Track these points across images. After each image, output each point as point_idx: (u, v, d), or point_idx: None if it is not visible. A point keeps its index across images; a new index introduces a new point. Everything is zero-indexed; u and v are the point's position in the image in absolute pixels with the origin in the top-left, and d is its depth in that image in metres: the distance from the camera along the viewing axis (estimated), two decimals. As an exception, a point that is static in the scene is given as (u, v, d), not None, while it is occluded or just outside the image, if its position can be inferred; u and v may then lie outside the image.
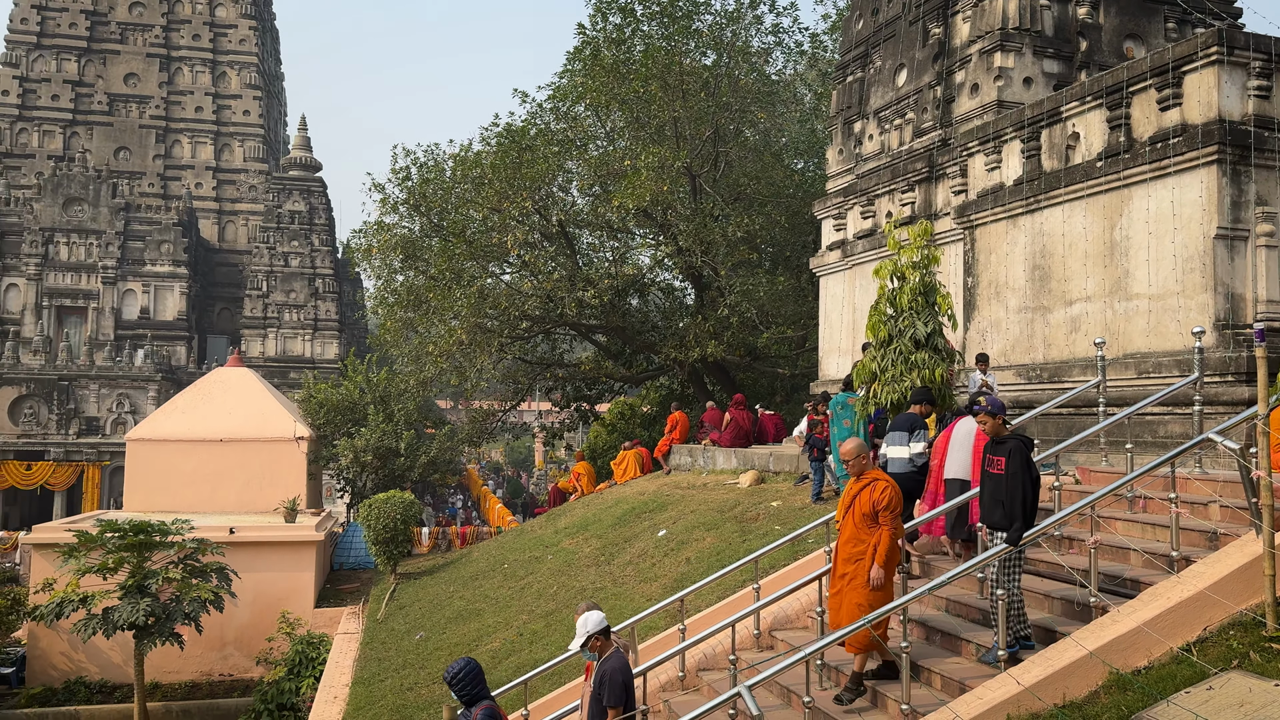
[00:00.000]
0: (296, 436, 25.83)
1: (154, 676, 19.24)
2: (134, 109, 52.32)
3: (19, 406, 42.44)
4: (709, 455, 18.36)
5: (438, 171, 24.51)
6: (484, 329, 22.65)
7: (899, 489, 7.66)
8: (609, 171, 22.82)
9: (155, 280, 47.86)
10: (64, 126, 51.26)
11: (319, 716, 13.16)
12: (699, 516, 14.24)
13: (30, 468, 41.71)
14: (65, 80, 51.36)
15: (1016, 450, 7.08)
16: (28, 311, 46.51)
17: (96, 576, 17.74)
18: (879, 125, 16.68)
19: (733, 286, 21.48)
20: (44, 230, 46.46)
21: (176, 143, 52.76)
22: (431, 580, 19.74)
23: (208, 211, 52.68)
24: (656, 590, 11.84)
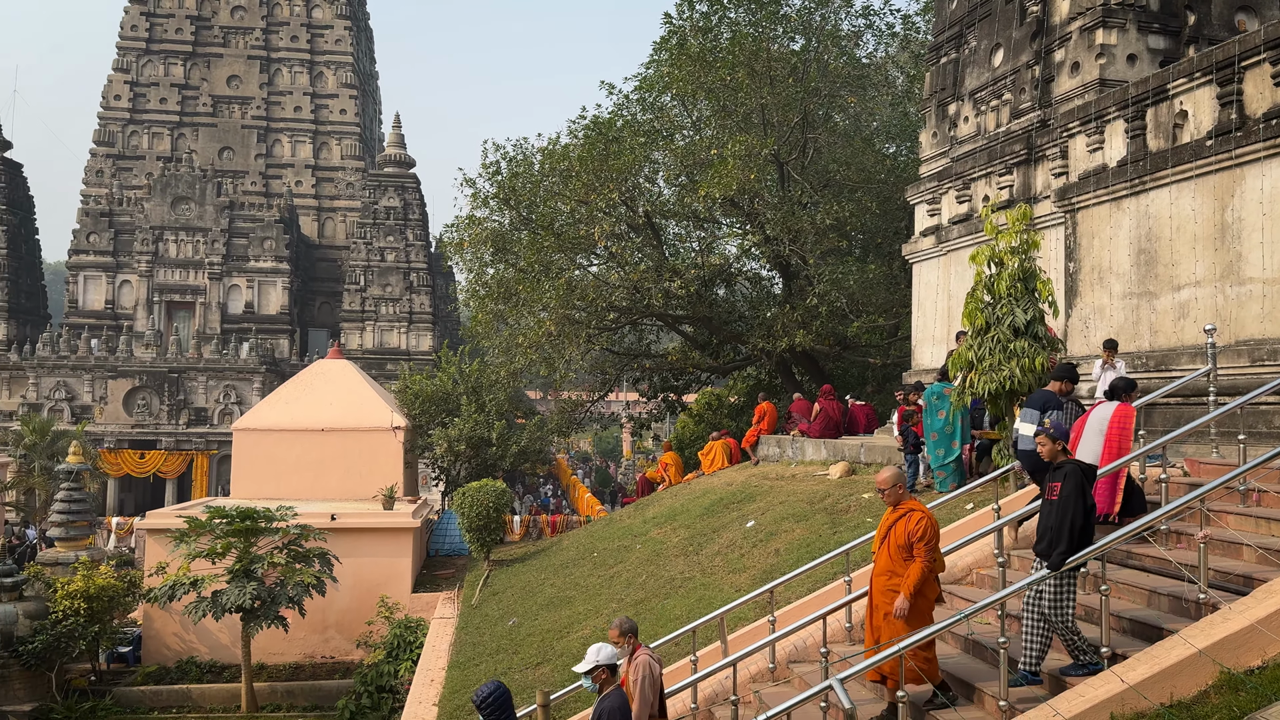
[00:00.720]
0: (393, 426, 26.51)
1: (260, 658, 20.00)
2: (236, 110, 54.27)
3: (133, 398, 44.55)
4: (798, 446, 18.20)
5: (526, 165, 24.79)
6: (572, 320, 22.86)
7: (935, 521, 7.44)
8: (695, 161, 22.75)
9: (259, 276, 49.66)
10: (171, 128, 53.47)
11: (417, 699, 13.50)
12: (788, 508, 14.14)
13: (144, 456, 43.76)
14: (172, 84, 53.56)
15: (1072, 474, 6.91)
16: (140, 307, 48.77)
17: (206, 561, 18.56)
18: (974, 107, 16.24)
19: (822, 275, 21.21)
20: (154, 229, 48.62)
21: (277, 142, 54.55)
22: (523, 567, 20.05)
23: (307, 208, 54.36)
24: (745, 581, 11.81)
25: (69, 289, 49.66)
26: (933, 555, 7.22)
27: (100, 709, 18.92)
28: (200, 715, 18.98)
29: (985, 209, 11.97)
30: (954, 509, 11.02)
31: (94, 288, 49.33)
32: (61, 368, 45.34)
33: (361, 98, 56.28)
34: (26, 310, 49.95)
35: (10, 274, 48.42)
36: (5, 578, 19.95)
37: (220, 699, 19.46)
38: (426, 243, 51.37)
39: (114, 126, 52.92)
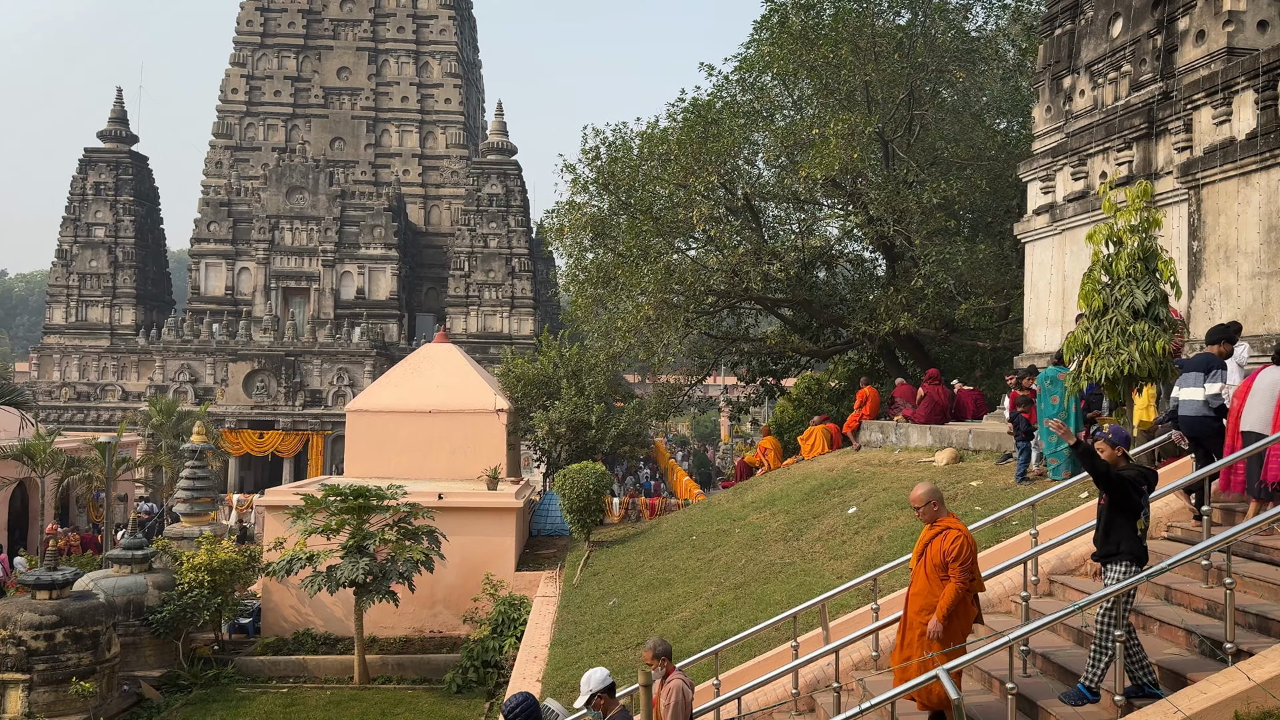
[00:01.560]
0: (497, 409, 27.01)
1: (371, 631, 20.66)
2: (346, 101, 55.87)
3: (252, 380, 46.50)
4: (902, 432, 17.84)
5: (625, 150, 24.82)
6: (670, 304, 22.85)
7: (971, 539, 7.16)
8: (796, 141, 22.42)
9: (369, 262, 51.15)
10: (285, 120, 55.39)
11: (521, 675, 13.77)
12: (891, 494, 13.88)
13: (262, 436, 45.66)
14: (285, 76, 55.44)
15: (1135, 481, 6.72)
16: (258, 293, 50.80)
17: (321, 537, 19.27)
18: (1091, 80, 15.56)
19: (928, 256, 20.67)
20: (270, 217, 50.53)
21: (385, 132, 55.98)
22: (623, 549, 20.21)
23: (414, 196, 55.68)
24: (847, 568, 11.65)
25: (191, 276, 52.08)
26: (969, 576, 6.97)
27: (223, 677, 19.85)
28: (316, 685, 19.69)
29: (1103, 186, 11.46)
30: (1067, 497, 10.65)
31: (215, 274, 51.61)
32: (185, 351, 47.64)
33: (465, 86, 57.26)
34: (153, 297, 52.61)
35: (138, 262, 51.04)
36: (136, 550, 21.09)
37: (334, 670, 20.20)
38: (528, 229, 52.07)
39: (232, 119, 55.12)
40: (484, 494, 23.40)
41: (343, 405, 37.95)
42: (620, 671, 11.65)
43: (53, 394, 48.45)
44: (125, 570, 20.68)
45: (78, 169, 51.10)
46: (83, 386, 49.08)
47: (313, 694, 19.10)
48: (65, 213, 50.86)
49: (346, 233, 51.07)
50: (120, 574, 20.57)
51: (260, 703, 18.51)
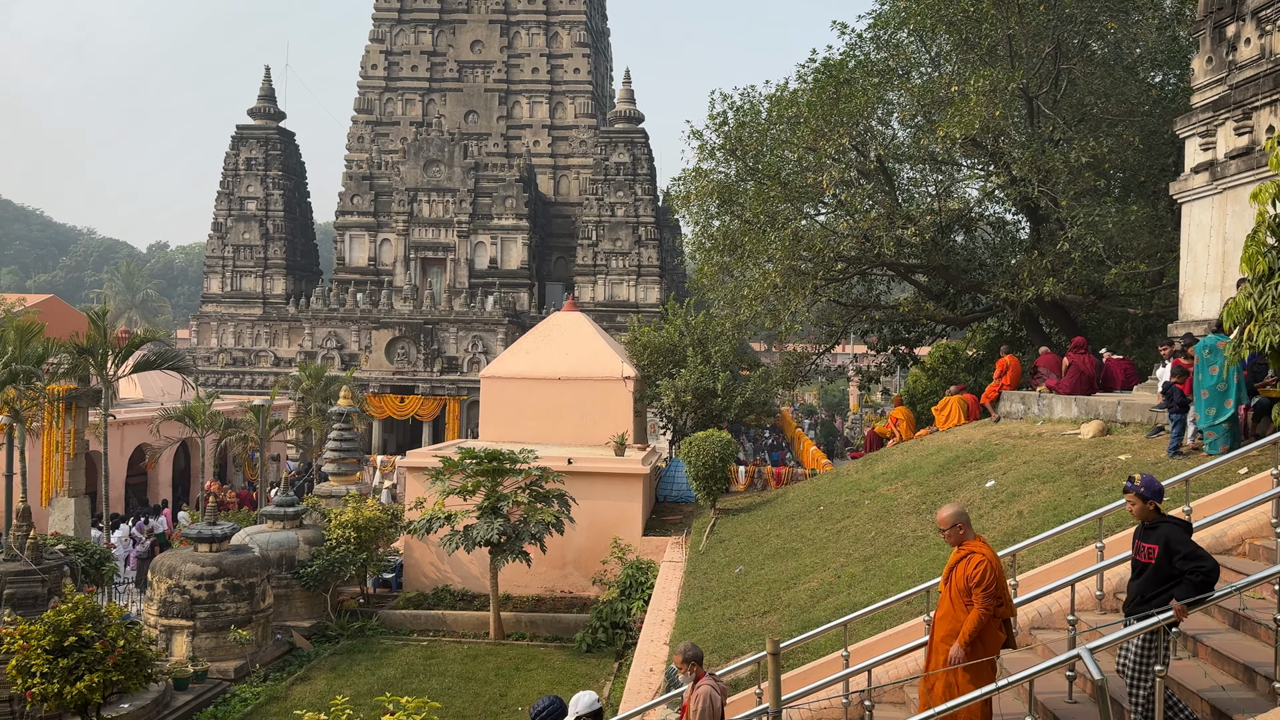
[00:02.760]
0: (624, 376, 27.27)
1: (505, 589, 21.33)
2: (479, 74, 56.92)
3: (393, 347, 48.30)
4: (1045, 403, 17.10)
5: (753, 114, 24.39)
6: (798, 271, 22.43)
7: (997, 564, 6.83)
8: (933, 100, 21.54)
9: (501, 233, 52.23)
10: (422, 94, 56.88)
11: (649, 637, 13.94)
12: (1032, 468, 13.34)
13: (403, 400, 47.46)
14: (422, 51, 56.85)
15: (1173, 531, 6.33)
16: (398, 263, 52.61)
17: (458, 498, 19.95)
18: (1258, 27, 14.36)
19: (1075, 218, 19.61)
20: (409, 190, 52.14)
21: (516, 103, 56.82)
22: (749, 517, 20.15)
23: (544, 167, 56.44)
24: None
25: (336, 247, 54.34)
26: (994, 602, 6.71)
27: (367, 629, 20.86)
28: (454, 639, 20.47)
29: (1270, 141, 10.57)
30: (1224, 473, 10.01)
31: (358, 246, 53.72)
32: (332, 319, 49.86)
33: (593, 55, 57.47)
34: (301, 268, 55.17)
35: (287, 235, 53.55)
36: (287, 508, 22.29)
37: (471, 625, 20.96)
38: (654, 197, 52.08)
39: (372, 95, 56.96)
40: (611, 460, 23.70)
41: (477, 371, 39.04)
42: (748, 638, 11.65)
43: (210, 359, 51.55)
44: (278, 526, 21.88)
45: (230, 145, 53.84)
46: (238, 352, 52.03)
47: (451, 647, 19.87)
48: (220, 187, 53.74)
49: (480, 204, 52.24)
50: (273, 529, 21.78)
51: (402, 654, 19.38)
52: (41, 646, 13.00)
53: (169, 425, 31.94)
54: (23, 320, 26.11)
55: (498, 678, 17.89)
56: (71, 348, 25.12)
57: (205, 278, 54.48)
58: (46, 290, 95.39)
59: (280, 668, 18.51)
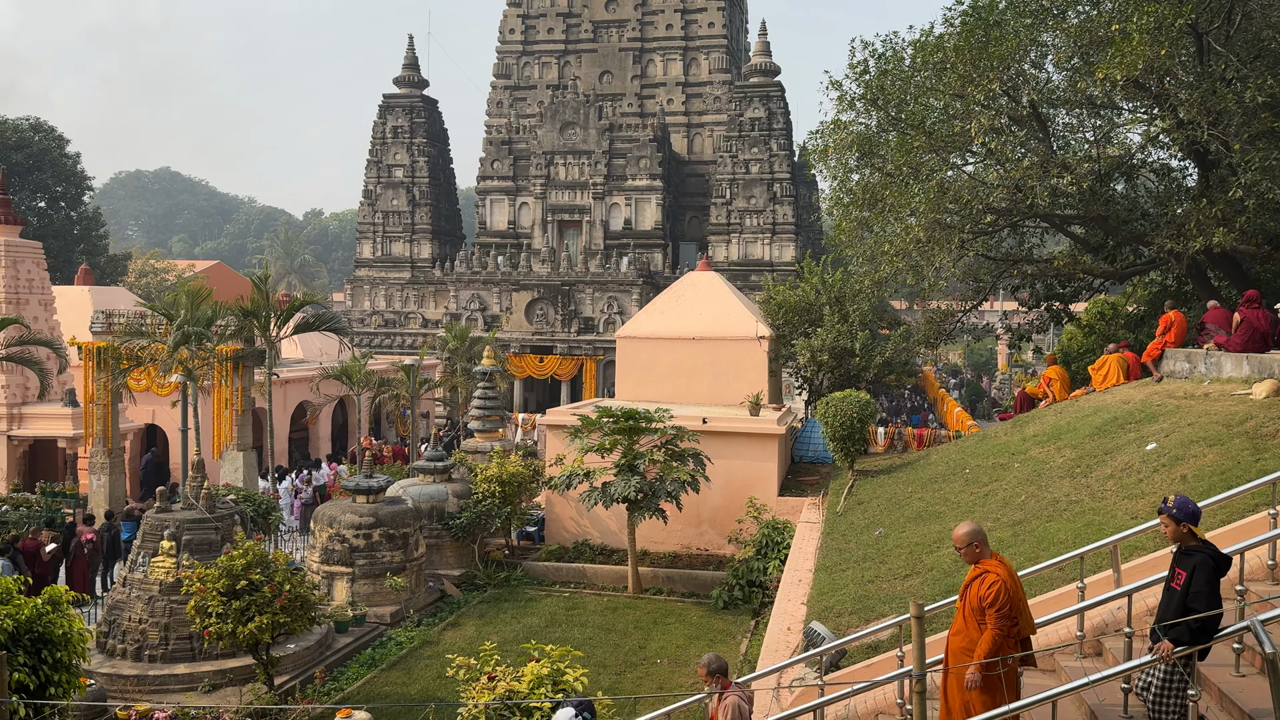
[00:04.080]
0: (758, 336, 27.08)
1: (642, 545, 21.68)
2: (614, 33, 56.90)
3: (532, 308, 49.39)
4: (1213, 361, 16.03)
5: (896, 61, 23.46)
6: (943, 225, 21.60)
7: (1013, 583, 6.58)
8: (1092, 40, 20.21)
9: (635, 193, 52.44)
10: (558, 57, 57.36)
11: (785, 596, 13.94)
12: (1198, 430, 12.58)
13: (542, 360, 48.55)
14: (558, 13, 57.23)
15: (1202, 566, 6.00)
16: (536, 226, 53.61)
17: (596, 455, 20.35)
18: None
19: (1250, 162, 18.14)
20: (546, 154, 52.90)
21: (650, 61, 56.61)
22: (889, 479, 19.79)
23: (677, 125, 56.17)
24: (1143, 508, 10.73)
25: (478, 211, 55.78)
26: (1008, 623, 6.53)
27: (512, 579, 21.61)
28: (593, 591, 20.99)
29: None
30: None
31: (498, 210, 55.00)
32: (475, 282, 51.34)
33: (728, 8, 56.55)
34: (446, 232, 56.93)
35: (432, 200, 55.29)
36: (437, 462, 23.23)
37: (609, 579, 21.43)
38: (790, 153, 51.14)
39: (509, 59, 57.82)
40: (746, 419, 23.64)
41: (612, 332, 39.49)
42: (888, 601, 11.50)
43: (364, 321, 53.98)
44: (428, 479, 22.85)
45: (378, 115, 55.81)
46: (389, 314, 54.29)
47: (591, 599, 20.40)
48: (369, 156, 55.87)
49: (614, 165, 52.53)
50: (424, 483, 22.75)
51: (545, 604, 20.01)
52: (216, 589, 13.85)
53: (327, 384, 33.70)
54: (193, 285, 27.97)
55: (636, 630, 18.25)
56: (238, 311, 26.71)
57: (357, 243, 56.91)
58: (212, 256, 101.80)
59: (432, 614, 19.39)
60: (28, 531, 20.72)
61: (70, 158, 57.60)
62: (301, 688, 15.07)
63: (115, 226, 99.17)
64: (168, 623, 15.29)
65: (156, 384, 28.27)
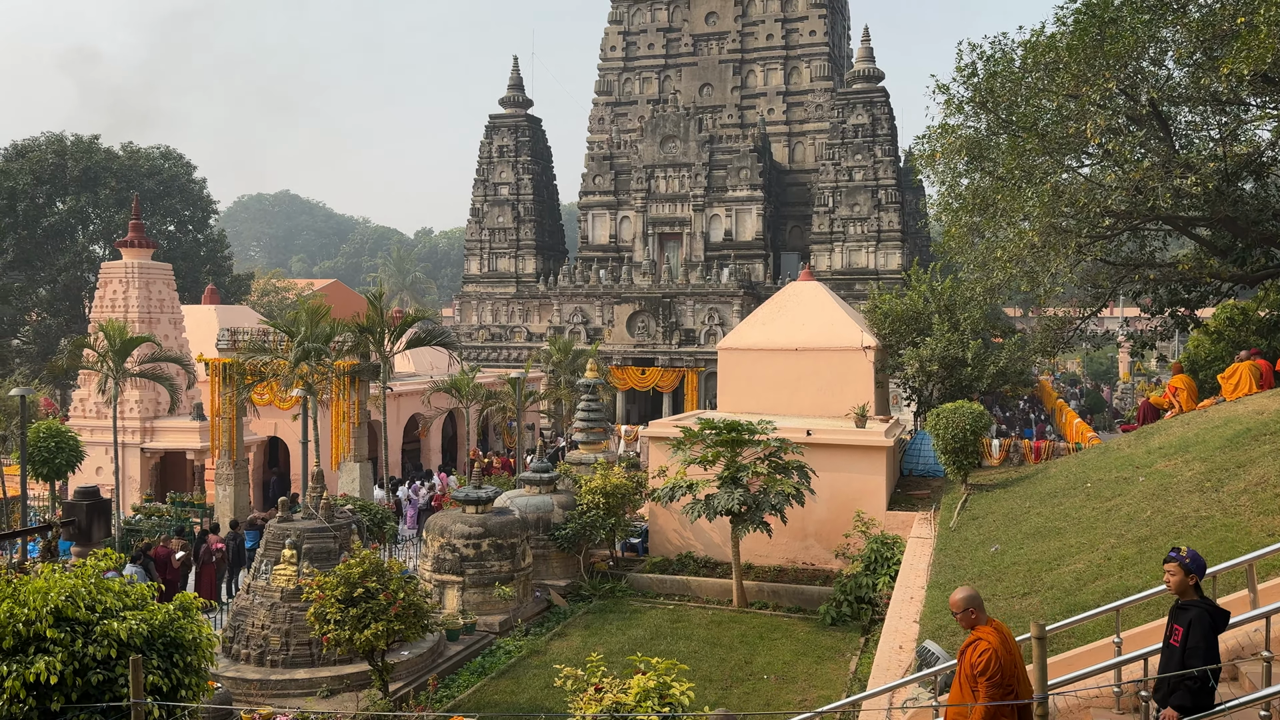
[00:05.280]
0: (863, 346, 26.62)
1: (747, 558, 21.48)
2: (714, 46, 57.01)
3: (634, 321, 49.69)
4: (1356, 368, 15.05)
5: (1006, 63, 22.80)
6: (1059, 229, 20.85)
7: (1006, 652, 6.40)
8: (1215, 34, 19.26)
9: (735, 204, 52.29)
10: (658, 71, 57.76)
11: (897, 614, 13.62)
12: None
13: (644, 372, 48.75)
14: (658, 29, 57.67)
15: (1198, 621, 5.85)
16: (637, 239, 53.96)
17: (698, 467, 20.28)
18: None
19: (1395, 157, 17.03)
20: (646, 167, 53.24)
21: (750, 72, 56.47)
22: (1005, 493, 19.16)
23: (778, 135, 55.84)
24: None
25: (580, 226, 56.46)
26: (1000, 692, 6.35)
27: (617, 590, 21.70)
28: (698, 604, 20.90)
29: None
30: None
31: (600, 224, 55.57)
32: (577, 295, 51.97)
33: (830, 15, 56.01)
34: (549, 247, 57.80)
35: (536, 216, 56.24)
36: (543, 473, 23.53)
37: (714, 592, 21.31)
38: (895, 158, 50.25)
39: (611, 76, 58.49)
40: (852, 431, 23.25)
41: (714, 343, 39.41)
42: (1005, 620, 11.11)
43: (471, 335, 55.18)
44: (535, 490, 23.14)
45: (484, 134, 57.13)
46: (495, 329, 55.38)
47: (695, 612, 20.31)
48: (476, 174, 57.22)
49: (714, 176, 52.50)
50: (531, 493, 23.04)
51: (650, 616, 20.02)
52: (334, 597, 14.23)
53: (438, 396, 34.55)
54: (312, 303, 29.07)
55: (742, 644, 18.10)
56: (354, 327, 27.62)
57: (465, 260, 58.28)
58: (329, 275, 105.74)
59: (539, 623, 19.61)
60: (159, 539, 21.71)
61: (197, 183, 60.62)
62: (415, 694, 15.40)
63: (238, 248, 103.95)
64: (288, 629, 15.83)
65: (278, 398, 29.39)
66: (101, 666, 7.50)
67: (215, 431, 27.84)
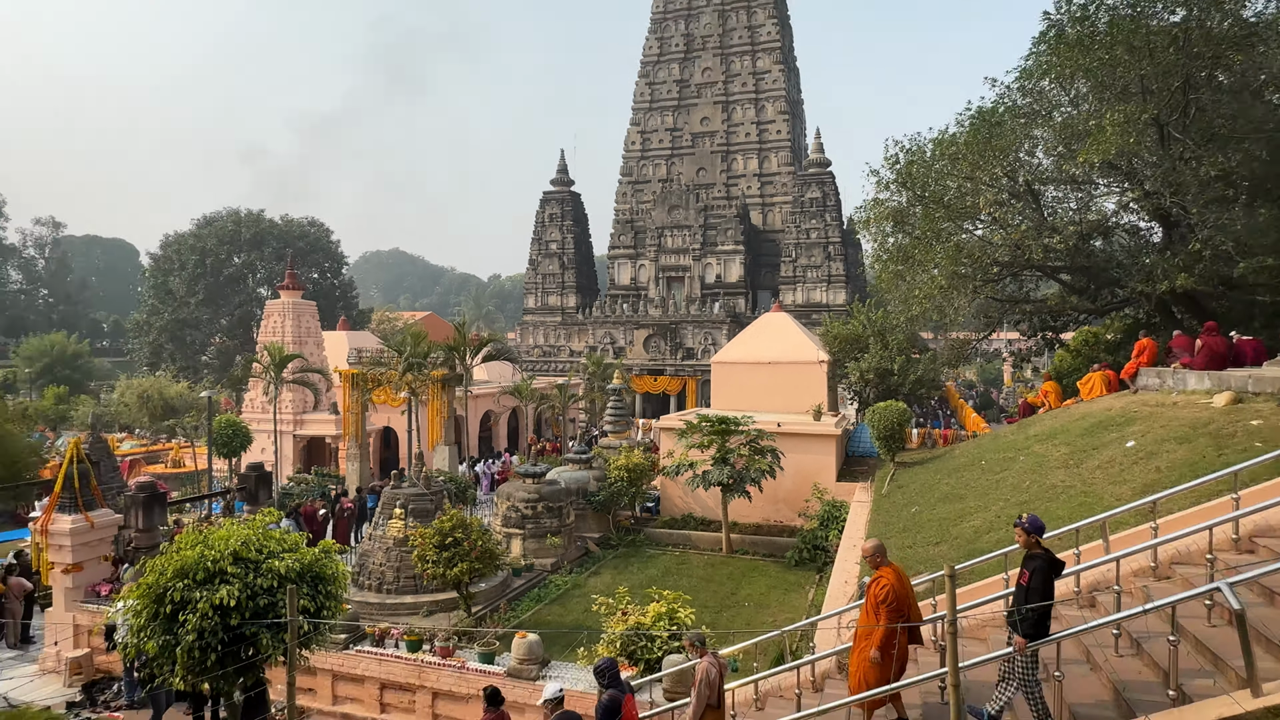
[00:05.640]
0: (819, 360, 26.59)
1: (733, 517, 21.43)
2: (706, 141, 57.20)
3: (648, 341, 49.70)
4: (1179, 377, 14.96)
5: (919, 154, 22.85)
6: (959, 275, 20.82)
7: (900, 586, 6.37)
8: (1073, 133, 19.26)
9: (723, 255, 52.33)
10: (665, 159, 57.96)
11: (842, 558, 13.63)
12: (1169, 431, 11.76)
13: (655, 379, 48.67)
14: (665, 129, 57.88)
15: (1039, 570, 5.82)
16: (650, 281, 54.01)
17: (697, 450, 20.29)
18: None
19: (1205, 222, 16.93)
20: (657, 229, 53.35)
21: (734, 159, 56.62)
22: (921, 469, 19.11)
23: (754, 205, 55.89)
24: (1126, 493, 10.11)
25: (609, 271, 56.56)
26: (897, 615, 6.34)
27: (637, 540, 21.70)
28: (696, 551, 20.89)
29: None
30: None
31: (623, 270, 55.66)
32: (606, 323, 52.02)
33: (791, 119, 56.14)
34: (586, 287, 57.92)
35: (576, 265, 56.40)
36: (581, 455, 23.60)
37: (708, 542, 21.28)
38: (840, 222, 50.19)
39: (631, 162, 58.74)
40: (810, 424, 23.23)
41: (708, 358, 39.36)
42: (923, 562, 11.13)
43: (529, 352, 55.32)
44: (576, 467, 23.21)
45: (539, 206, 57.43)
46: (546, 348, 55.49)
47: (695, 557, 20.31)
48: (532, 234, 57.46)
49: (707, 235, 52.60)
50: (573, 469, 23.11)
51: (661, 559, 20.03)
52: (431, 543, 14.40)
53: (505, 397, 34.72)
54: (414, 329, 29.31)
55: (729, 580, 18.09)
56: (444, 347, 27.85)
57: (525, 297, 58.44)
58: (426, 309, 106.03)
59: (579, 565, 19.64)
60: (306, 500, 21.95)
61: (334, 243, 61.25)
62: (490, 615, 15.49)
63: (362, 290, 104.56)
64: (398, 566, 15.97)
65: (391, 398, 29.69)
66: (266, 594, 7.63)
67: (346, 422, 28.08)
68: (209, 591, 7.41)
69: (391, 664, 11.82)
